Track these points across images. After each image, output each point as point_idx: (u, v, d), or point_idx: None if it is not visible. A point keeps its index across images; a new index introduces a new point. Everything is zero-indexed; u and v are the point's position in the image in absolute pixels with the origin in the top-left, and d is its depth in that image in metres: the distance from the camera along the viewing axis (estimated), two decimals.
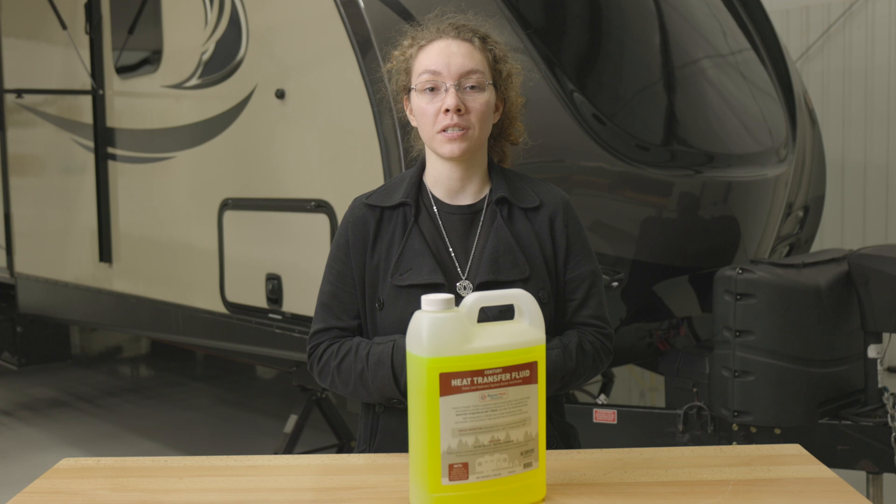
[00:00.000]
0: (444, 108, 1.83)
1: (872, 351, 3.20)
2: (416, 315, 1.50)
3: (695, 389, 3.36)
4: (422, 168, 1.97)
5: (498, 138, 2.03)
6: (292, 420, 4.24)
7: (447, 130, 1.83)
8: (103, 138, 4.84)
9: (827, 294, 3.16)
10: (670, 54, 3.91)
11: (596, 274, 1.96)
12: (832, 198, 6.05)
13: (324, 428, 4.75)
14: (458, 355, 1.46)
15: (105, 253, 4.89)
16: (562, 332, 1.93)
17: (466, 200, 1.93)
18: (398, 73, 1.96)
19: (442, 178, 1.93)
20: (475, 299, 1.51)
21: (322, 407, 4.47)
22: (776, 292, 3.12)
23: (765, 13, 4.57)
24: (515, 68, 1.97)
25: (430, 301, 1.48)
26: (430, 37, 1.90)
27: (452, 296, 1.50)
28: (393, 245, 1.89)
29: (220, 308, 4.10)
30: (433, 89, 1.85)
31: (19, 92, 5.49)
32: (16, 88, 5.53)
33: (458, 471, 1.47)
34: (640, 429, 3.39)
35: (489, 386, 1.47)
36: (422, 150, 1.98)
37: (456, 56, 1.85)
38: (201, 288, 4.21)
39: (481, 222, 1.91)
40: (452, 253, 1.90)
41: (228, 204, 4.02)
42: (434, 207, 1.93)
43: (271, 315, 3.80)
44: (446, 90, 1.83)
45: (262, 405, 6.37)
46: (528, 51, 3.35)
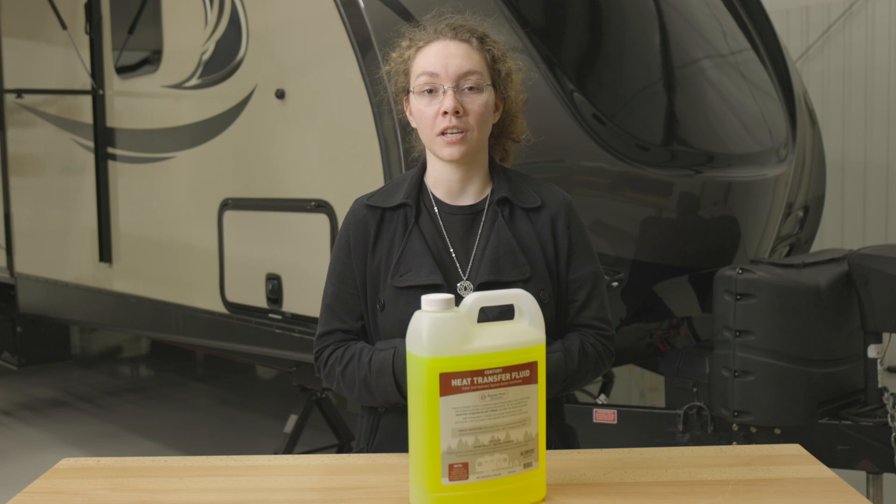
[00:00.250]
0: (443, 111, 1.82)
1: (872, 351, 3.20)
2: (417, 315, 1.50)
3: (695, 389, 3.35)
4: (423, 169, 1.97)
5: (499, 136, 2.02)
6: (292, 420, 4.24)
7: (446, 133, 1.83)
8: (103, 138, 4.84)
9: (827, 294, 3.16)
10: (670, 54, 3.91)
11: (598, 275, 1.95)
12: (832, 198, 6.05)
13: (324, 428, 4.75)
14: (458, 355, 1.46)
15: (105, 253, 4.89)
16: (563, 335, 1.92)
17: (467, 201, 1.93)
18: (397, 75, 1.95)
19: (442, 179, 1.92)
20: (475, 299, 1.51)
21: (322, 407, 4.47)
22: (776, 292, 3.12)
23: (765, 13, 4.57)
24: (516, 66, 1.96)
25: (430, 301, 1.48)
26: (428, 38, 1.89)
27: (452, 296, 1.50)
28: (393, 246, 1.89)
29: (220, 308, 4.10)
30: (431, 91, 1.85)
31: (19, 92, 5.49)
32: (16, 88, 5.53)
33: (458, 471, 1.47)
34: (640, 429, 3.39)
35: (489, 386, 1.47)
36: (423, 151, 1.98)
37: (454, 57, 1.84)
38: (201, 288, 4.21)
39: (482, 223, 1.91)
40: (453, 253, 1.89)
41: (228, 204, 4.02)
42: (435, 208, 1.92)
43: (271, 315, 3.80)
44: (444, 92, 1.83)
45: (262, 405, 6.37)
46: (528, 50, 3.35)
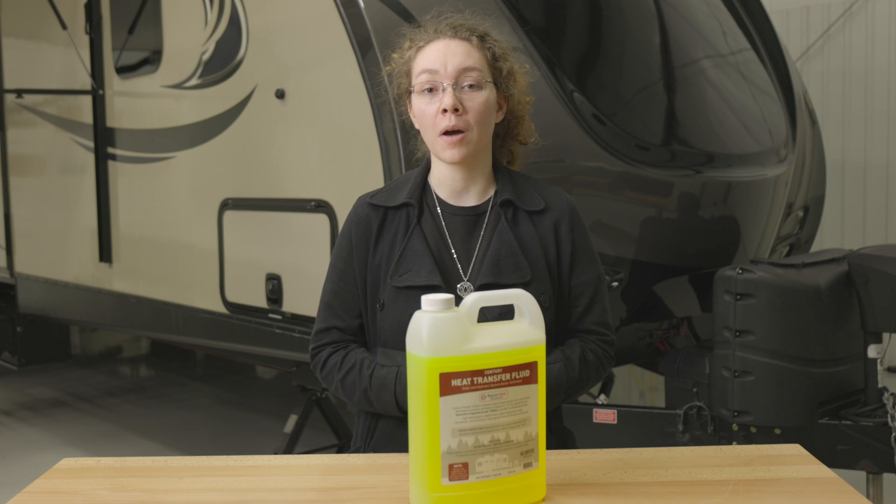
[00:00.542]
0: (442, 109, 1.82)
1: (872, 351, 3.20)
2: (416, 315, 1.49)
3: (695, 389, 3.35)
4: (427, 168, 1.97)
5: (505, 138, 2.01)
6: (292, 420, 4.24)
7: (447, 134, 1.83)
8: (103, 138, 4.84)
9: (827, 294, 3.16)
10: (670, 54, 3.91)
11: (600, 280, 1.95)
12: (832, 198, 6.05)
13: (324, 428, 4.75)
14: (458, 355, 1.46)
15: (105, 253, 4.89)
16: (564, 339, 1.92)
17: (470, 202, 1.92)
18: (399, 76, 1.95)
19: (446, 180, 1.92)
20: (475, 299, 1.51)
21: (322, 407, 4.47)
22: (776, 292, 3.12)
23: (765, 13, 4.57)
24: (521, 67, 1.95)
25: (430, 301, 1.48)
26: (428, 37, 1.89)
27: (452, 296, 1.50)
28: (395, 245, 1.88)
29: (220, 308, 4.10)
30: (431, 90, 1.85)
31: (19, 92, 5.49)
32: (16, 88, 5.53)
33: (458, 471, 1.47)
34: (640, 429, 3.38)
35: (489, 386, 1.47)
36: (427, 151, 1.97)
37: (453, 55, 1.84)
38: (201, 288, 4.21)
39: (485, 224, 1.90)
40: (455, 254, 1.89)
41: (228, 204, 4.02)
42: (438, 208, 1.92)
43: (271, 315, 3.80)
44: (444, 90, 1.83)
45: (262, 405, 6.37)
46: (528, 50, 3.35)
